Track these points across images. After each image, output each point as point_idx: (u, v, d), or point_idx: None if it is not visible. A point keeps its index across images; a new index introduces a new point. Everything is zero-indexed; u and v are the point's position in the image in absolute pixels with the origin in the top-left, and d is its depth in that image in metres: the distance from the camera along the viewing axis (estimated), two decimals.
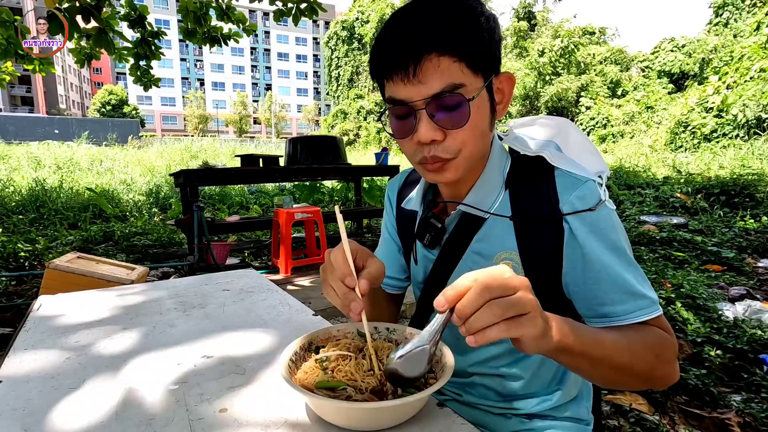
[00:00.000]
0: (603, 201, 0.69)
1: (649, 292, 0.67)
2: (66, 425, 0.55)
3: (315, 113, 63.18)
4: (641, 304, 0.66)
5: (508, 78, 0.71)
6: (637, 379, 0.64)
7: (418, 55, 0.61)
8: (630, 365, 0.61)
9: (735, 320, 2.45)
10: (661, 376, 0.65)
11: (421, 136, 0.65)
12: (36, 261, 4.08)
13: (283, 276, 3.59)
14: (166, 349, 0.78)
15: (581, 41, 22.44)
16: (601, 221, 0.68)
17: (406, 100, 0.65)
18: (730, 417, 1.68)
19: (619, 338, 0.62)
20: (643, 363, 0.63)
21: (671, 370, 0.66)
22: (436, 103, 0.63)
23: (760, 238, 4.33)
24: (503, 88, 0.71)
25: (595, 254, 0.67)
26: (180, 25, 4.81)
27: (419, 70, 0.62)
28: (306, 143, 4.74)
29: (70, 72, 57.50)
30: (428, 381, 0.57)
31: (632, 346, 0.62)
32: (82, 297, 1.09)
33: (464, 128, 0.65)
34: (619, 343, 0.61)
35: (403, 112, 0.67)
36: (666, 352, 0.65)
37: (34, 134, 22.88)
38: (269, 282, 1.22)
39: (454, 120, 0.65)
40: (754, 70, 11.16)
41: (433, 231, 0.80)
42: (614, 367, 0.61)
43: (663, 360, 0.64)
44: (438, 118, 0.65)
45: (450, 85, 0.62)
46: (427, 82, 0.62)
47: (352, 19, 37.27)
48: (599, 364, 0.60)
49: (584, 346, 0.57)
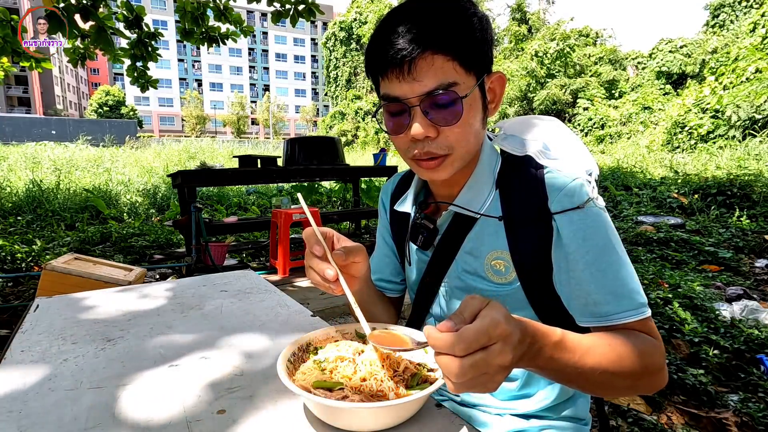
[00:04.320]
0: (591, 199, 0.69)
1: (636, 294, 0.66)
2: (62, 427, 0.55)
3: (313, 114, 63.15)
4: (626, 305, 0.65)
5: (499, 78, 0.73)
6: (623, 389, 0.64)
7: (413, 53, 0.62)
8: (614, 378, 0.60)
9: (732, 320, 2.46)
10: (647, 384, 0.64)
11: (415, 132, 0.66)
12: (33, 262, 4.06)
13: (281, 277, 3.58)
14: (163, 350, 0.78)
15: (577, 43, 22.52)
16: (589, 220, 0.68)
17: (401, 97, 0.66)
18: (727, 417, 1.69)
19: (605, 350, 0.60)
20: (629, 375, 0.61)
21: (659, 378, 0.64)
22: (429, 100, 0.65)
23: (756, 239, 4.34)
24: (495, 88, 0.73)
25: (579, 254, 0.67)
26: (177, 26, 4.80)
27: (414, 67, 0.63)
28: (304, 144, 4.74)
29: (67, 72, 57.32)
30: (428, 381, 0.57)
31: (620, 358, 0.60)
32: (79, 298, 1.09)
33: (457, 125, 0.66)
34: (605, 355, 0.59)
35: (398, 109, 0.68)
36: (654, 361, 0.63)
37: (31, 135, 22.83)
38: (267, 283, 1.21)
39: (447, 117, 0.66)
40: (750, 71, 11.23)
41: (426, 232, 0.80)
42: (596, 381, 0.59)
43: (650, 371, 0.63)
44: (431, 115, 0.66)
45: (443, 83, 0.64)
46: (422, 80, 0.64)
47: (350, 19, 37.30)
48: (580, 378, 0.58)
49: (561, 365, 0.55)
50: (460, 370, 0.44)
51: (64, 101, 56.03)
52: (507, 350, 0.46)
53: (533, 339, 0.51)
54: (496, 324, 0.45)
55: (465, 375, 0.44)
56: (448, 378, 0.46)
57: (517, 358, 0.48)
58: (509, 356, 0.46)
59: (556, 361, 0.55)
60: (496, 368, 0.45)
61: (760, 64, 11.18)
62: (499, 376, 0.46)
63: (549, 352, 0.54)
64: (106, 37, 3.95)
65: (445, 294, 0.83)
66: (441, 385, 0.54)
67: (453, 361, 0.44)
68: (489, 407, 0.83)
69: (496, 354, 0.45)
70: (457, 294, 0.81)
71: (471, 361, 0.44)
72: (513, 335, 0.47)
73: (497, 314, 0.46)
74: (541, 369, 0.55)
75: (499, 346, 0.45)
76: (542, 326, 0.54)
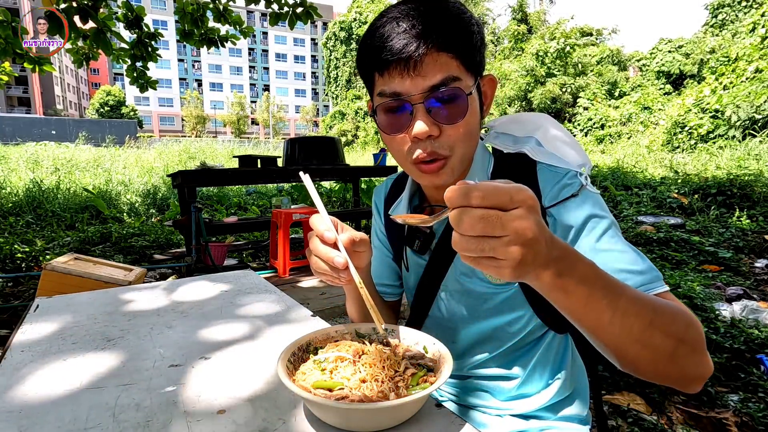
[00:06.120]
0: (584, 186, 0.69)
1: (650, 268, 0.61)
2: (62, 427, 0.55)
3: (313, 114, 63.17)
4: (641, 280, 0.60)
5: (490, 80, 0.73)
6: (663, 355, 0.51)
7: (419, 48, 0.62)
8: (653, 331, 0.50)
9: (732, 320, 2.46)
10: (691, 360, 0.53)
11: (418, 130, 0.65)
12: (33, 262, 4.06)
13: (281, 277, 3.58)
14: (163, 350, 0.78)
15: (577, 42, 22.51)
16: (586, 204, 0.67)
17: (403, 94, 0.65)
18: (727, 417, 1.69)
19: (640, 295, 0.52)
20: (669, 333, 0.51)
21: (703, 359, 0.54)
22: (434, 96, 0.64)
23: (756, 239, 4.34)
24: (486, 90, 0.73)
25: (581, 239, 0.66)
26: (177, 26, 4.80)
27: (420, 63, 0.63)
28: (304, 144, 4.74)
29: (67, 73, 57.32)
30: (427, 381, 0.57)
31: (655, 310, 0.51)
32: (79, 298, 1.09)
33: (460, 124, 0.66)
34: (640, 299, 0.51)
35: (397, 105, 0.66)
36: (694, 331, 0.53)
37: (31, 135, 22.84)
38: (267, 283, 1.21)
39: (452, 114, 0.65)
40: (750, 71, 11.23)
41: (422, 237, 0.80)
42: (632, 328, 0.49)
43: (691, 341, 0.52)
44: (435, 112, 0.65)
45: (449, 77, 0.63)
46: (427, 75, 0.63)
47: (350, 19, 37.30)
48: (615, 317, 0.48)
49: (595, 289, 0.47)
50: (469, 220, 0.39)
51: (64, 101, 56.02)
52: (530, 219, 0.40)
53: (566, 251, 0.45)
54: (520, 189, 0.40)
55: (474, 228, 0.39)
56: (457, 233, 0.41)
57: (544, 253, 0.42)
58: (531, 226, 0.40)
59: (590, 283, 0.47)
60: (513, 234, 0.39)
61: (760, 64, 11.18)
62: (514, 247, 0.40)
63: (583, 269, 0.47)
64: (105, 38, 3.96)
65: (443, 297, 0.82)
66: (441, 384, 0.54)
67: (464, 211, 0.40)
68: (489, 408, 0.83)
69: (515, 217, 0.39)
70: (456, 297, 0.80)
71: (483, 212, 0.39)
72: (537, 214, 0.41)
73: (526, 189, 0.41)
74: (571, 287, 0.46)
75: (520, 211, 0.40)
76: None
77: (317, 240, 0.61)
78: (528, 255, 0.41)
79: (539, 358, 0.79)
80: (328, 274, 0.62)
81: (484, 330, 0.79)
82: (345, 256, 0.60)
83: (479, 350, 0.81)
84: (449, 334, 0.82)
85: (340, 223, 0.65)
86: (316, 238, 0.62)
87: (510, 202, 0.40)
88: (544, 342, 0.79)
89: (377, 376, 0.56)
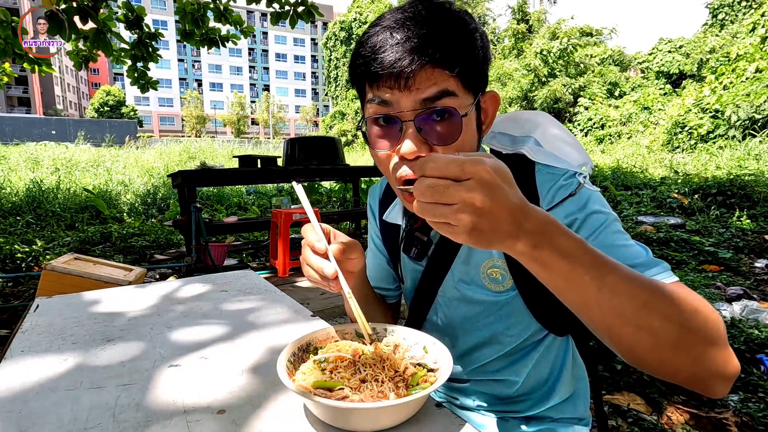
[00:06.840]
0: (582, 185, 0.67)
1: (657, 260, 0.59)
2: (63, 427, 0.55)
3: (313, 114, 63.18)
4: (642, 271, 0.56)
5: (492, 96, 0.69)
6: (666, 342, 0.47)
7: (412, 64, 0.58)
8: (650, 312, 0.47)
9: (732, 320, 2.46)
10: (709, 354, 0.48)
11: (405, 150, 0.59)
12: (33, 262, 4.07)
13: (281, 277, 3.58)
14: (163, 350, 0.78)
15: (579, 42, 22.50)
16: (583, 202, 0.65)
17: (393, 109, 0.61)
18: (727, 417, 1.69)
19: (636, 274, 0.49)
20: (670, 318, 0.47)
21: (722, 352, 0.49)
22: (426, 113, 0.60)
23: (756, 239, 4.34)
24: (487, 108, 0.69)
25: (583, 234, 0.63)
26: (177, 27, 4.80)
27: (412, 79, 0.58)
28: (304, 144, 4.74)
29: (67, 73, 57.32)
30: (427, 380, 0.57)
31: (654, 288, 0.48)
32: (79, 298, 1.09)
33: (453, 146, 0.61)
34: (636, 278, 0.48)
35: (386, 121, 0.63)
36: (709, 320, 0.49)
37: (31, 135, 22.87)
38: (267, 283, 1.21)
39: (444, 134, 0.61)
40: (750, 71, 11.23)
41: (420, 244, 0.79)
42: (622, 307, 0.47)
43: (704, 325, 0.48)
44: (426, 131, 0.60)
45: (443, 94, 0.59)
46: (419, 88, 0.59)
47: (351, 19, 37.31)
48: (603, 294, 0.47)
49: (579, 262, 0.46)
50: (420, 187, 0.43)
51: (64, 101, 56.02)
52: (479, 190, 0.41)
53: (544, 225, 0.45)
54: (475, 162, 0.42)
55: (424, 195, 0.43)
56: (416, 198, 0.45)
57: (507, 224, 0.43)
58: (479, 197, 0.41)
59: (572, 258, 0.45)
60: (461, 203, 0.42)
61: (760, 64, 11.18)
62: (463, 215, 0.42)
63: (565, 244, 0.45)
64: (105, 39, 3.96)
65: (441, 303, 0.82)
66: (440, 384, 0.54)
67: (420, 180, 0.44)
68: (487, 411, 0.83)
69: (464, 189, 0.41)
70: (454, 303, 0.80)
71: (433, 181, 0.43)
72: (498, 186, 0.42)
73: (487, 159, 0.43)
74: (550, 260, 0.45)
75: (471, 182, 0.42)
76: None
77: (309, 250, 0.63)
78: (481, 224, 0.43)
79: (539, 360, 0.79)
80: (320, 282, 0.64)
81: (483, 335, 0.79)
82: (335, 266, 0.61)
83: (478, 354, 0.81)
84: (448, 340, 0.82)
85: (333, 230, 0.67)
86: (308, 248, 0.64)
87: (462, 173, 0.42)
88: (544, 344, 0.79)
89: (377, 376, 0.56)
